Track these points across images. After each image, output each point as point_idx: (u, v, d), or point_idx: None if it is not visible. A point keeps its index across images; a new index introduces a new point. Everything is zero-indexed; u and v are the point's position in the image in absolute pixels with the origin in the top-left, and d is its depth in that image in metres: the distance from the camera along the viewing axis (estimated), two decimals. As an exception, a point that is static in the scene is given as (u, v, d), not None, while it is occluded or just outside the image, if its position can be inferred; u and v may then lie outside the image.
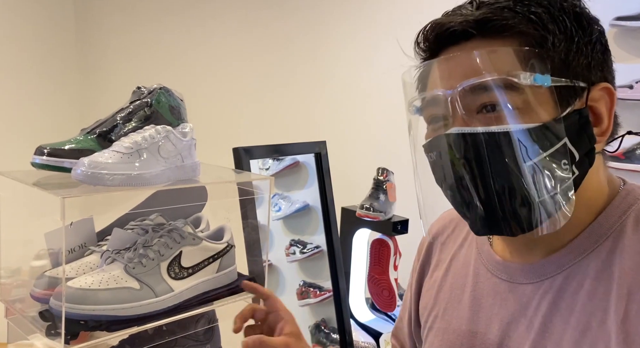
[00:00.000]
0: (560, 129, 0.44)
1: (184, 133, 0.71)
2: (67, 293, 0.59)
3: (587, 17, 0.46)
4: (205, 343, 0.77)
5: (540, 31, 0.44)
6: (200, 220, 0.80)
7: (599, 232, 0.47)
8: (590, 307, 0.45)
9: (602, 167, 0.49)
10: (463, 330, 0.54)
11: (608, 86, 0.46)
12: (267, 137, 1.94)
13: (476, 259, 0.56)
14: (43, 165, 0.65)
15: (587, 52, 0.45)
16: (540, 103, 0.44)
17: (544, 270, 0.48)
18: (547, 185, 0.44)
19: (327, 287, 1.45)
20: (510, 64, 0.44)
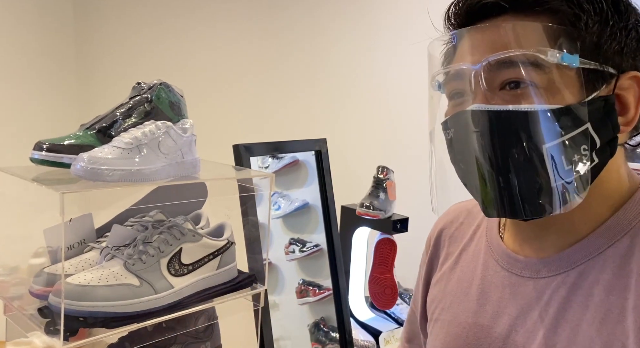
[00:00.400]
0: (584, 113, 0.42)
1: (184, 129, 0.71)
2: (66, 290, 0.58)
3: (626, 2, 0.45)
4: (205, 341, 0.77)
5: (574, 9, 0.43)
6: (201, 217, 0.80)
7: (617, 229, 0.45)
8: (607, 303, 0.43)
9: (623, 161, 0.48)
10: (469, 323, 0.53)
11: (637, 75, 0.44)
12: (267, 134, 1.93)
13: (486, 252, 0.55)
14: (42, 161, 0.64)
15: (620, 38, 0.43)
16: (565, 84, 0.43)
17: (557, 265, 0.47)
18: (564, 169, 0.43)
19: (326, 286, 1.45)
20: (538, 40, 0.43)
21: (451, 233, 0.61)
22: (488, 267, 0.54)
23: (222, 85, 2.16)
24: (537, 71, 0.43)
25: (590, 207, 0.46)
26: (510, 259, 0.52)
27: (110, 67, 2.42)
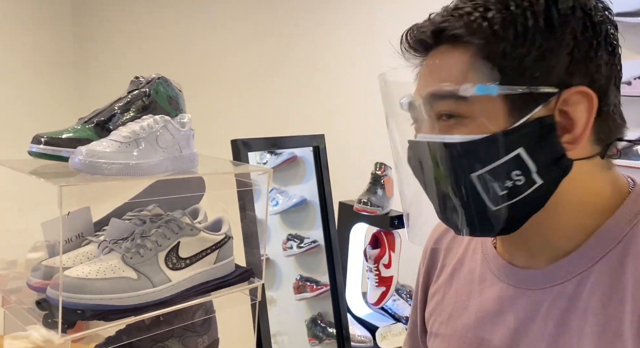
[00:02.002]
0: (513, 139, 0.42)
1: (183, 123, 0.71)
2: (64, 283, 0.58)
3: (564, 14, 0.42)
4: (202, 334, 0.77)
5: (490, 39, 0.42)
6: (198, 212, 0.80)
7: (609, 237, 0.45)
8: (605, 316, 0.43)
9: (599, 171, 0.46)
10: (469, 337, 0.52)
11: (584, 90, 0.42)
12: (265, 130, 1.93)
13: (482, 264, 0.54)
14: (40, 154, 0.64)
15: (556, 54, 0.41)
16: (491, 113, 0.43)
17: (553, 276, 0.47)
18: (498, 194, 0.43)
19: (323, 282, 1.46)
20: (458, 73, 0.44)
21: (447, 243, 0.61)
22: (485, 279, 0.53)
23: (220, 80, 2.16)
24: (461, 103, 0.43)
25: (570, 219, 0.46)
26: (506, 270, 0.51)
27: (108, 61, 2.41)
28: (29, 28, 2.29)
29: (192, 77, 2.15)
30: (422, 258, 0.64)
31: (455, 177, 0.45)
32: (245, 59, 2.10)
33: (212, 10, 2.16)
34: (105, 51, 2.42)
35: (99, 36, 2.44)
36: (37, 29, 2.33)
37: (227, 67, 2.15)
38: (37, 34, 2.33)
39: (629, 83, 1.32)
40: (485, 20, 0.43)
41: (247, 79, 2.11)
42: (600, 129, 0.44)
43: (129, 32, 2.36)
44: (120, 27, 2.38)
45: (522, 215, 0.46)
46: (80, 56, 2.48)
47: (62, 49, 2.43)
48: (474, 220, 0.46)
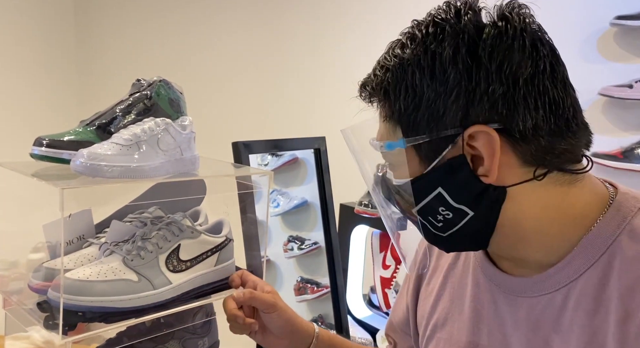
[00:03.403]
0: (430, 181, 0.47)
1: (184, 126, 0.71)
2: (65, 285, 0.59)
3: (445, 64, 0.44)
4: (203, 336, 0.77)
5: (386, 100, 0.48)
6: (199, 214, 0.80)
7: (594, 248, 0.46)
8: (590, 328, 0.44)
9: (557, 187, 0.46)
10: (464, 342, 0.54)
11: (480, 128, 0.44)
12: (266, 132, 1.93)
13: (475, 268, 0.56)
14: (42, 156, 0.65)
15: (444, 102, 0.44)
16: (408, 161, 0.48)
17: (541, 286, 0.48)
18: (438, 226, 0.48)
19: (324, 283, 1.46)
20: (380, 130, 0.50)
21: None
22: (479, 284, 0.55)
23: (221, 82, 2.16)
24: (387, 154, 0.50)
25: (541, 236, 0.47)
26: (497, 276, 0.53)
27: (110, 64, 2.42)
28: (31, 30, 2.30)
29: (193, 79, 2.16)
30: (414, 259, 0.65)
31: (405, 210, 0.51)
32: (246, 62, 2.10)
33: (214, 13, 2.16)
34: (107, 54, 2.43)
35: (101, 39, 2.45)
36: (39, 32, 2.33)
37: (229, 69, 2.16)
38: (40, 37, 2.34)
39: (630, 86, 1.32)
40: (383, 81, 0.48)
41: (248, 81, 2.11)
42: (523, 154, 0.45)
43: (131, 35, 2.36)
44: (122, 30, 2.39)
45: (477, 239, 0.49)
46: (82, 59, 2.49)
47: (65, 52, 2.44)
48: (438, 242, 0.51)
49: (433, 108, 0.45)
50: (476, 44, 0.44)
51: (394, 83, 0.46)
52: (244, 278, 0.72)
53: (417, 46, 0.46)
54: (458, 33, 0.44)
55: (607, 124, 1.42)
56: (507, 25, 0.44)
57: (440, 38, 0.45)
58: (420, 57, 0.45)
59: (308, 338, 0.70)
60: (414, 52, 0.46)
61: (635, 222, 0.45)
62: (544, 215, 0.46)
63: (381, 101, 0.49)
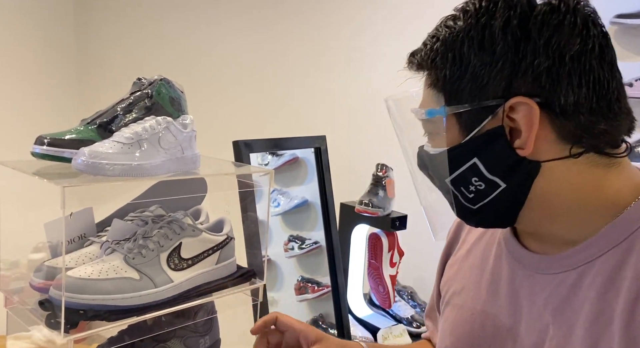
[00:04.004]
0: (466, 151, 0.48)
1: (185, 124, 0.71)
2: (67, 283, 0.59)
3: (495, 35, 0.45)
4: (204, 335, 0.77)
5: (434, 68, 0.49)
6: (200, 212, 0.80)
7: (617, 233, 0.46)
8: (599, 306, 0.46)
9: (592, 169, 0.47)
10: (477, 310, 0.56)
11: (521, 100, 0.45)
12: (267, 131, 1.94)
13: (499, 243, 0.58)
14: (43, 155, 0.65)
15: (489, 72, 0.46)
16: (447, 130, 0.49)
17: (559, 264, 0.50)
18: (468, 197, 0.50)
19: (325, 283, 1.46)
20: (424, 99, 0.52)
21: None
22: (501, 257, 0.56)
23: (222, 81, 2.17)
24: (428, 123, 0.52)
25: (570, 215, 0.48)
26: (519, 252, 0.54)
27: (111, 62, 2.42)
28: (31, 29, 2.30)
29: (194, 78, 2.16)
30: (448, 232, 0.68)
31: (441, 180, 0.52)
32: (247, 60, 2.10)
33: (215, 13, 2.16)
34: (107, 52, 2.43)
35: (101, 38, 2.45)
36: (39, 31, 2.33)
37: (230, 68, 2.16)
38: (40, 36, 2.34)
39: (630, 85, 1.32)
40: (432, 50, 0.49)
41: (249, 80, 2.11)
42: (561, 129, 0.46)
43: (132, 34, 2.36)
44: (123, 29, 2.39)
45: (507, 213, 0.50)
46: (82, 57, 2.48)
47: (65, 50, 2.44)
48: (467, 215, 0.52)
49: (477, 78, 0.46)
50: (527, 19, 0.45)
51: (443, 52, 0.48)
52: (279, 326, 0.66)
53: (469, 18, 0.47)
54: (510, 7, 0.46)
55: (607, 122, 1.42)
56: (561, 3, 0.45)
57: (492, 11, 0.46)
58: (472, 27, 0.47)
59: None
60: (466, 23, 0.47)
61: None
62: (574, 194, 0.47)
63: (428, 69, 0.50)
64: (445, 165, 0.50)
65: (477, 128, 0.47)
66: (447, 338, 0.60)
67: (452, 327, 0.60)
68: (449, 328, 0.60)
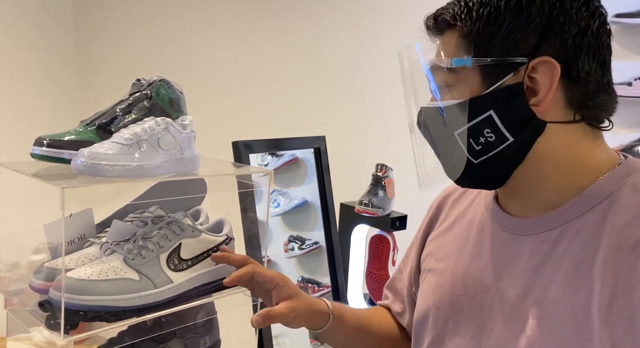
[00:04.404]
0: (485, 102, 0.51)
1: (184, 125, 0.71)
2: (66, 284, 0.59)
3: (530, 1, 0.50)
4: (204, 335, 0.77)
5: (468, 21, 0.52)
6: (200, 213, 0.80)
7: (597, 194, 0.51)
8: (581, 256, 0.50)
9: (583, 138, 0.52)
10: (459, 272, 0.60)
11: (547, 59, 0.49)
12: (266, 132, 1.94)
13: (482, 212, 0.61)
14: (42, 156, 0.65)
15: (523, 30, 0.50)
16: (469, 81, 0.52)
17: (542, 225, 0.53)
18: (475, 149, 0.53)
19: (325, 283, 1.46)
20: (449, 51, 0.54)
21: (454, 198, 0.68)
22: (484, 224, 0.60)
23: (221, 82, 2.17)
24: (449, 75, 0.53)
25: (557, 176, 0.53)
26: (503, 217, 0.58)
27: (110, 63, 2.42)
28: (31, 30, 2.30)
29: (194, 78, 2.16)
30: (428, 211, 0.71)
31: (445, 135, 0.55)
32: (246, 61, 2.10)
33: (214, 13, 2.16)
34: (107, 54, 2.43)
35: (101, 39, 2.45)
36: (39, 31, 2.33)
37: (229, 68, 2.16)
38: (40, 36, 2.34)
39: (629, 84, 1.32)
40: (467, 6, 0.52)
41: (248, 81, 2.11)
42: (571, 95, 0.51)
43: (131, 35, 2.37)
44: (122, 30, 2.39)
45: (503, 169, 0.54)
46: (82, 57, 2.49)
47: (65, 51, 2.44)
48: (463, 172, 0.55)
49: (510, 34, 0.50)
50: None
51: (479, 6, 0.51)
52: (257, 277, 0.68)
53: None
54: None
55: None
56: None
57: None
58: None
59: (325, 315, 0.68)
60: None
61: (638, 178, 0.51)
62: (565, 158, 0.52)
63: (461, 22, 0.52)
64: (459, 117, 0.52)
65: (498, 82, 0.50)
66: (428, 299, 0.63)
67: (433, 289, 0.62)
68: (430, 291, 0.63)
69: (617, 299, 0.46)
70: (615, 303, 0.46)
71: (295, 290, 0.67)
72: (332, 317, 0.68)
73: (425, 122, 0.57)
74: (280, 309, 0.64)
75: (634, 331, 0.45)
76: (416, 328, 0.65)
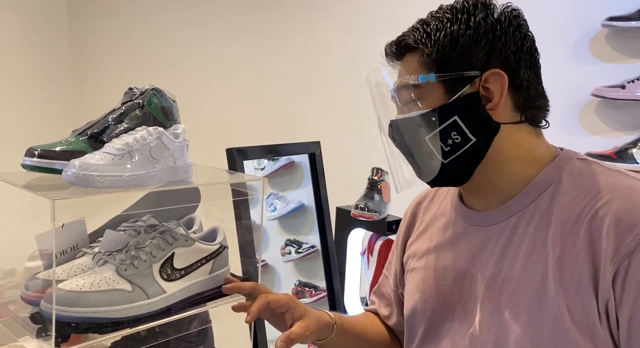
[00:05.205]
0: (450, 110, 0.60)
1: (176, 134, 0.71)
2: (57, 296, 0.58)
3: (478, 22, 0.60)
4: (199, 345, 0.77)
5: (428, 44, 0.61)
6: (194, 221, 0.80)
7: (542, 183, 0.61)
8: (536, 235, 0.59)
9: (528, 135, 0.62)
10: (439, 266, 0.68)
11: (496, 71, 0.59)
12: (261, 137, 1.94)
13: (451, 212, 0.70)
14: (34, 167, 0.64)
15: (474, 49, 0.59)
16: (433, 94, 0.61)
17: (501, 214, 0.63)
18: (444, 150, 0.61)
19: (322, 287, 1.46)
20: (412, 70, 0.63)
21: (425, 205, 0.76)
22: (454, 222, 0.69)
23: (216, 88, 2.16)
24: (415, 90, 0.62)
25: (510, 169, 0.62)
26: (468, 213, 0.67)
27: (104, 68, 2.41)
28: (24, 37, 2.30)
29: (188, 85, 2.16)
30: (403, 219, 0.79)
31: (417, 140, 0.63)
32: (241, 67, 2.10)
33: (208, 19, 2.16)
34: (101, 60, 2.43)
35: (94, 46, 2.45)
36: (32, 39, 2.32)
37: (222, 76, 2.15)
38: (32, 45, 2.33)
39: (622, 87, 1.33)
40: (425, 31, 0.62)
41: (242, 88, 2.11)
42: (516, 99, 0.61)
43: (125, 42, 2.36)
44: (116, 38, 2.38)
45: (468, 166, 0.62)
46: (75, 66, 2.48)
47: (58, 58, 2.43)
48: (435, 171, 0.63)
49: (465, 53, 0.59)
50: (499, 15, 0.61)
51: (436, 30, 0.61)
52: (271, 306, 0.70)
53: (455, 10, 0.62)
54: (487, 6, 0.62)
55: (600, 124, 1.43)
56: (518, 13, 0.63)
57: (474, 6, 0.61)
58: (459, 14, 0.61)
59: (330, 326, 0.73)
60: (453, 12, 0.62)
61: (573, 165, 0.61)
62: (515, 152, 0.62)
63: (423, 45, 0.61)
64: (429, 124, 0.61)
65: (459, 92, 0.60)
66: (414, 295, 0.70)
67: (417, 285, 0.70)
68: (415, 287, 0.70)
69: (566, 265, 0.55)
70: (565, 270, 0.55)
71: (304, 308, 0.72)
72: (336, 326, 0.73)
73: (399, 132, 0.65)
74: (298, 330, 0.68)
75: (582, 290, 0.54)
76: (408, 323, 0.71)
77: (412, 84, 0.62)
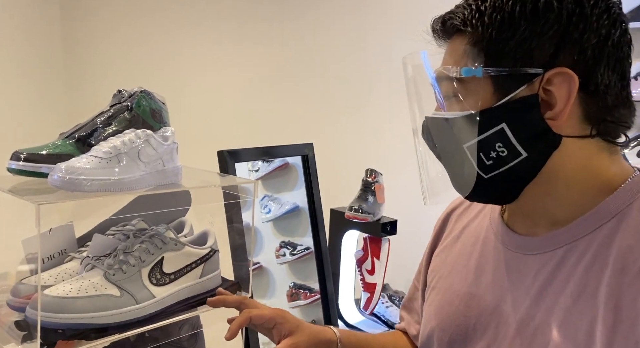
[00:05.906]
0: (496, 115, 0.47)
1: (165, 137, 0.70)
2: (43, 302, 0.57)
3: (547, 6, 0.46)
4: (189, 350, 0.76)
5: (479, 26, 0.47)
6: (184, 225, 0.79)
7: (604, 213, 0.48)
8: (586, 279, 0.47)
9: (599, 153, 0.49)
10: (463, 291, 0.57)
11: (564, 70, 0.46)
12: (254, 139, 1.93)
13: (487, 229, 0.59)
14: (19, 171, 0.63)
15: (538, 39, 0.46)
16: (479, 92, 0.48)
17: (547, 244, 0.51)
18: (485, 164, 0.49)
19: (317, 289, 1.45)
20: (456, 59, 0.50)
21: (460, 212, 0.65)
22: (487, 242, 0.57)
23: (207, 90, 2.15)
24: (457, 85, 0.50)
25: (568, 193, 0.50)
26: (507, 235, 0.55)
27: (96, 69, 2.40)
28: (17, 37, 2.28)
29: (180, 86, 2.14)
30: (435, 225, 0.68)
31: (453, 148, 0.51)
32: (232, 68, 2.09)
33: (202, 21, 2.15)
34: (92, 62, 2.41)
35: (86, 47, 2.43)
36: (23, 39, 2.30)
37: (215, 77, 2.14)
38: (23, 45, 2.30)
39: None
40: (478, 10, 0.48)
41: (235, 89, 2.10)
42: (588, 109, 0.47)
43: (117, 42, 2.35)
44: (108, 37, 2.37)
45: (515, 185, 0.50)
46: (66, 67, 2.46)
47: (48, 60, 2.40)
48: (471, 186, 0.51)
49: (524, 43, 0.46)
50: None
51: (492, 10, 0.47)
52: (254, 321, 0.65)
53: None
54: None
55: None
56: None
57: None
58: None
59: (333, 344, 0.66)
60: None
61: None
62: (577, 173, 0.49)
63: (472, 28, 0.48)
64: (468, 129, 0.48)
65: (511, 94, 0.47)
66: (432, 320, 0.61)
67: (437, 309, 0.60)
68: (434, 311, 0.61)
69: (621, 326, 0.43)
70: (619, 331, 0.43)
71: (296, 324, 0.64)
72: (341, 344, 0.65)
73: (431, 132, 0.54)
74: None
75: None
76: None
77: (452, 78, 0.49)
